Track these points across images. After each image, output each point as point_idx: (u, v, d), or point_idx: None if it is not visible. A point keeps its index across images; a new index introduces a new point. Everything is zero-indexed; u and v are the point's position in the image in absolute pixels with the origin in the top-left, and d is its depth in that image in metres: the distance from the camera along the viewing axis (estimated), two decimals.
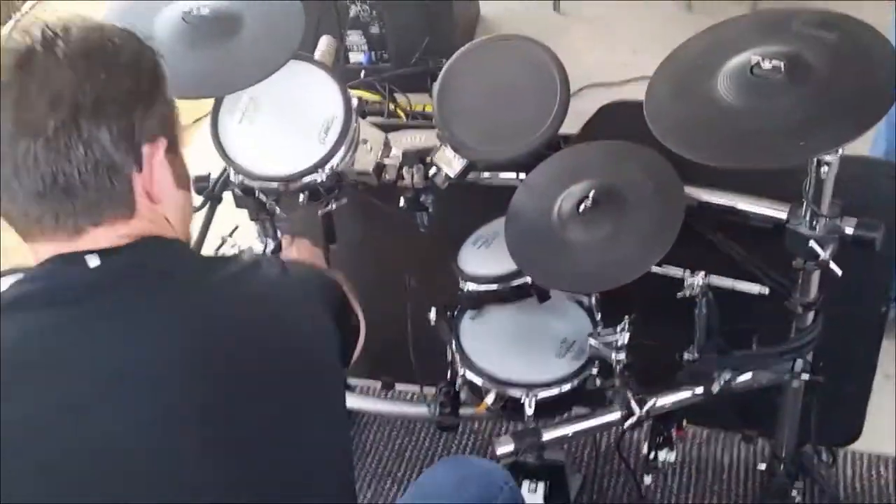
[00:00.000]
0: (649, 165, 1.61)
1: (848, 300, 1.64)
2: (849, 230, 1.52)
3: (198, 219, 1.93)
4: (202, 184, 1.89)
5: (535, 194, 1.71)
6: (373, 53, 3.36)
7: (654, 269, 1.55)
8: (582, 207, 1.59)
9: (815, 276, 1.59)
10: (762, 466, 2.00)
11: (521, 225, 1.69)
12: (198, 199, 1.90)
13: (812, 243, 1.52)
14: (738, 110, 1.31)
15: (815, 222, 1.53)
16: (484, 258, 1.87)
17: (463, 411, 1.95)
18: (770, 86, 1.30)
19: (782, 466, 1.90)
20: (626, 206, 1.59)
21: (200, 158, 3.37)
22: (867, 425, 2.04)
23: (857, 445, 2.11)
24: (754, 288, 1.61)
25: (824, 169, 1.43)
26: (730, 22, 1.49)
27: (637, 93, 1.49)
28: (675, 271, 1.59)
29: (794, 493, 1.94)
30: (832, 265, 1.49)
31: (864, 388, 1.98)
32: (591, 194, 1.59)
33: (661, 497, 2.17)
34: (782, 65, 1.30)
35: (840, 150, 1.34)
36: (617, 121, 1.77)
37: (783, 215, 1.60)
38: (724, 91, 1.33)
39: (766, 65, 1.30)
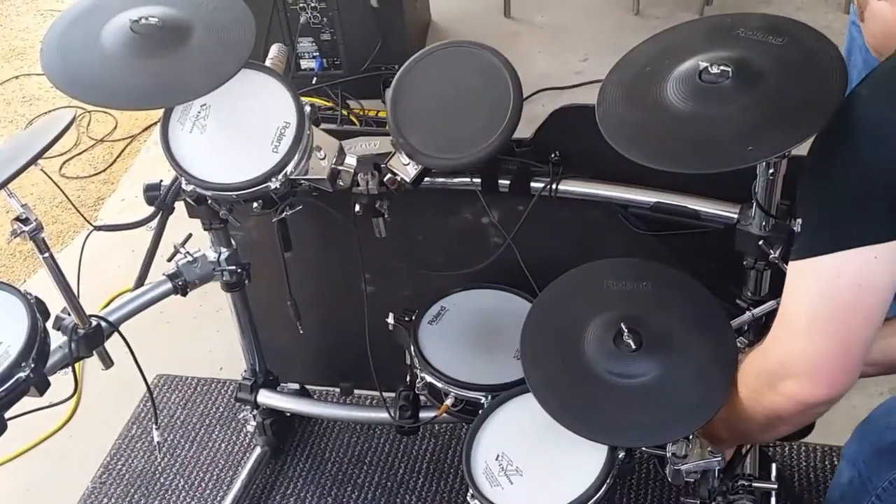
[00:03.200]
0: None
1: None
2: (797, 229, 1.54)
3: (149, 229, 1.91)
4: (153, 193, 1.87)
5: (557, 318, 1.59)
6: (324, 60, 3.36)
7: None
8: (622, 342, 1.47)
9: (766, 276, 1.62)
10: None
11: (543, 367, 1.54)
12: (148, 209, 1.88)
13: (761, 243, 1.55)
14: (687, 115, 1.33)
15: (764, 223, 1.56)
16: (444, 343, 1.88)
17: (423, 415, 1.96)
18: (718, 90, 1.32)
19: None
20: (673, 340, 1.49)
21: (151, 166, 3.36)
22: (819, 420, 2.07)
23: (811, 439, 2.14)
24: None
25: (772, 171, 1.46)
26: (679, 27, 1.50)
27: (589, 97, 1.50)
28: None
29: None
30: (782, 264, 1.52)
31: None
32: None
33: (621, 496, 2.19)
34: (730, 70, 1.32)
35: (788, 154, 1.36)
36: (569, 125, 1.78)
37: (734, 216, 1.63)
38: (674, 96, 1.35)
39: (714, 70, 1.32)
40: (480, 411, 1.68)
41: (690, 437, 1.47)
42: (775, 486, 1.62)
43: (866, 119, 1.19)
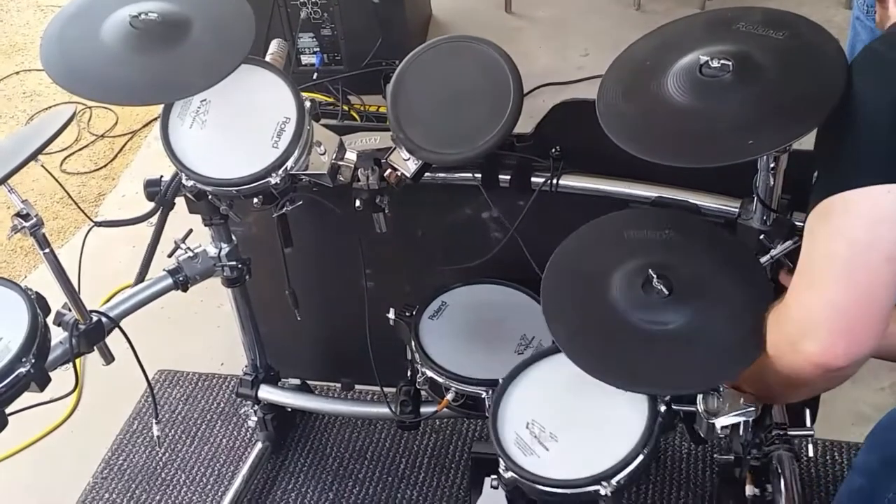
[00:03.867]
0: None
1: None
2: (799, 224, 1.55)
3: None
4: (154, 188, 1.87)
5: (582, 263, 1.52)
6: (325, 56, 3.35)
7: None
8: (652, 289, 1.40)
9: (767, 270, 1.62)
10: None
11: (570, 324, 1.46)
12: (149, 205, 1.88)
13: (762, 237, 1.55)
14: (688, 109, 1.33)
15: (765, 217, 1.55)
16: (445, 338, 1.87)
17: (424, 410, 1.96)
18: (719, 85, 1.31)
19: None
20: (705, 285, 1.42)
21: (152, 162, 3.36)
22: (820, 414, 2.08)
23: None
24: None
25: (773, 165, 1.46)
26: (679, 22, 1.50)
27: (589, 92, 1.50)
28: None
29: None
30: (783, 259, 1.52)
31: None
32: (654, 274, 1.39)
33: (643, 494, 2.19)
34: (731, 64, 1.31)
35: (789, 148, 1.36)
36: (570, 120, 1.78)
37: (735, 210, 1.63)
38: (674, 90, 1.35)
39: (715, 64, 1.32)
40: (501, 381, 1.59)
41: (721, 390, 1.41)
42: (812, 433, 1.56)
43: (875, 66, 1.20)
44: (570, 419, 1.49)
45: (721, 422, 1.41)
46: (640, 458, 1.40)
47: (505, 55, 1.67)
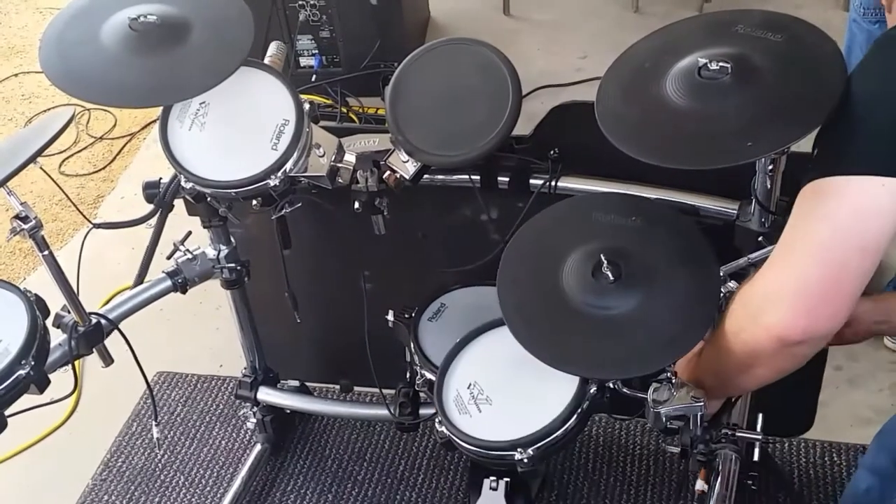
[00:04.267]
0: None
1: None
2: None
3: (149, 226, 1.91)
4: (153, 190, 1.87)
5: (530, 256, 1.55)
6: (323, 58, 3.36)
7: None
8: (601, 274, 1.43)
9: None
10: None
11: (518, 294, 1.51)
12: (148, 207, 1.88)
13: (761, 239, 1.55)
14: (686, 111, 1.33)
15: (763, 219, 1.56)
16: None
17: (423, 412, 1.96)
18: (717, 87, 1.32)
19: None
20: (656, 275, 1.44)
21: (151, 164, 3.36)
22: (819, 415, 2.09)
23: (810, 434, 2.15)
24: None
25: (772, 167, 1.46)
26: (678, 24, 1.50)
27: (588, 94, 1.50)
28: None
29: (749, 481, 1.97)
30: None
31: (815, 380, 2.02)
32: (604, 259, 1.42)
33: (618, 489, 2.20)
34: (729, 66, 1.32)
35: (787, 150, 1.36)
36: (568, 122, 1.78)
37: (733, 212, 1.63)
38: (673, 92, 1.35)
39: (714, 66, 1.32)
40: (458, 340, 1.68)
41: (673, 381, 1.44)
42: (760, 437, 1.59)
43: (884, 61, 1.22)
44: (509, 387, 1.57)
45: (666, 411, 1.44)
46: (559, 432, 1.48)
47: (503, 57, 1.67)
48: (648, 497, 2.19)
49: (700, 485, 1.56)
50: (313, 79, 3.22)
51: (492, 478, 1.72)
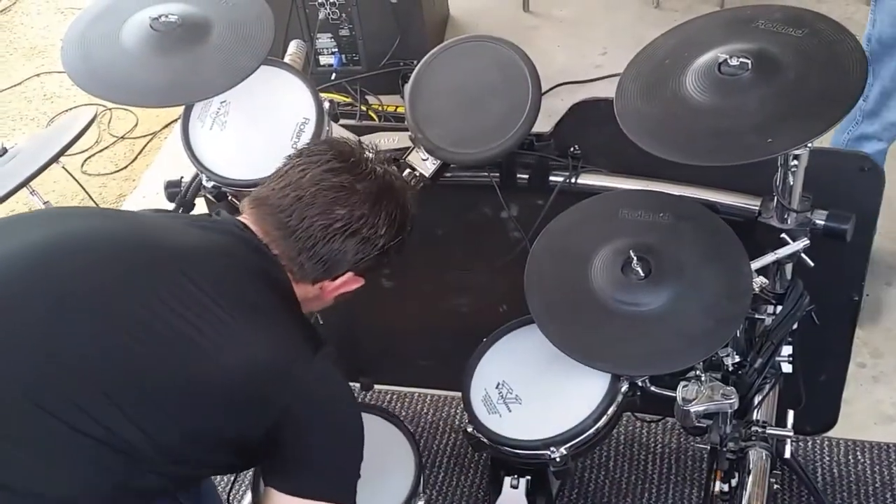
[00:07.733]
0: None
1: (820, 290, 1.65)
2: (819, 222, 1.54)
3: None
4: (174, 189, 1.88)
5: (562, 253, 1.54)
6: (343, 56, 3.36)
7: None
8: (631, 270, 1.44)
9: (788, 268, 1.61)
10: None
11: (546, 292, 1.51)
12: (169, 206, 1.89)
13: (783, 236, 1.54)
14: (706, 107, 1.33)
15: (785, 216, 1.55)
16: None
17: None
18: (738, 83, 1.31)
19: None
20: (685, 272, 1.44)
21: (172, 162, 3.37)
22: (842, 413, 2.07)
23: (834, 433, 2.14)
24: None
25: (794, 163, 1.45)
26: (698, 20, 1.50)
27: (608, 90, 1.50)
28: None
29: (772, 479, 1.96)
30: (804, 257, 1.51)
31: (838, 377, 2.00)
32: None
33: (639, 488, 2.19)
34: (749, 62, 1.31)
35: (809, 145, 1.35)
36: (588, 119, 1.78)
37: (755, 208, 1.62)
38: (693, 88, 1.35)
39: (734, 62, 1.32)
40: (484, 339, 1.65)
41: (702, 379, 1.44)
42: (791, 434, 1.59)
43: None
44: (539, 386, 1.56)
45: (696, 410, 1.44)
46: (591, 430, 1.46)
47: (523, 54, 1.67)
48: (670, 496, 2.18)
49: (718, 486, 1.55)
50: (333, 77, 3.22)
51: (512, 476, 1.72)
